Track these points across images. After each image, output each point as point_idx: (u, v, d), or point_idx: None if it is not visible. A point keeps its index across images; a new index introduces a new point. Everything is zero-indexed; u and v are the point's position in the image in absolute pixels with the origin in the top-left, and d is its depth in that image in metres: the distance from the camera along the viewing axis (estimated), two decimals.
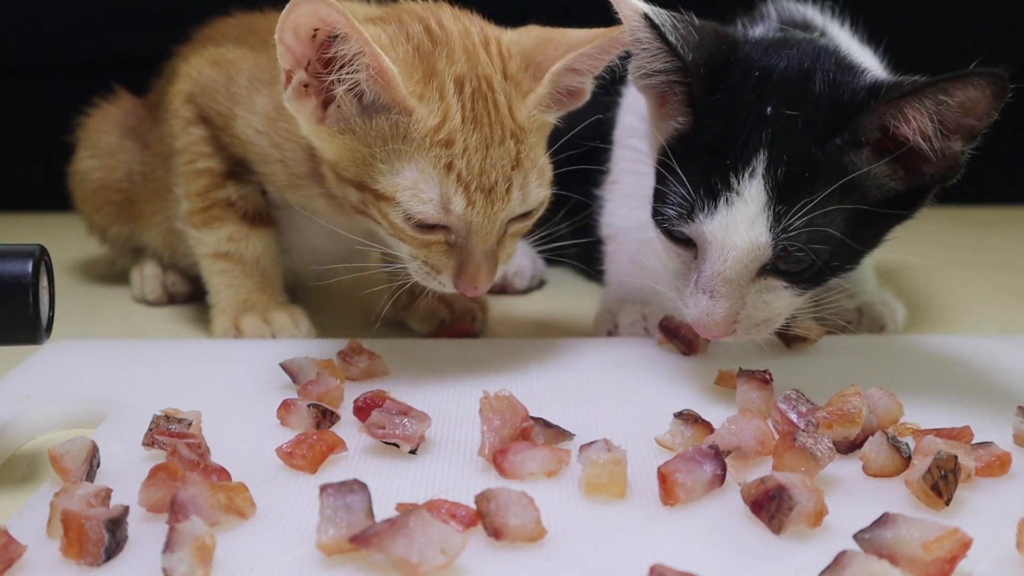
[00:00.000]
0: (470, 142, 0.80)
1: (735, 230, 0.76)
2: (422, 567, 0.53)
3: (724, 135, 0.78)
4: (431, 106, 0.79)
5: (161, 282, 1.22)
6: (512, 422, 0.68)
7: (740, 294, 0.78)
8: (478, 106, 0.81)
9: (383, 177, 0.81)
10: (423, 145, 0.79)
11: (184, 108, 1.01)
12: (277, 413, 0.75)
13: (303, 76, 0.80)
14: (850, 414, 0.69)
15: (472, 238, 0.82)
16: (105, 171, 1.23)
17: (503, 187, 0.81)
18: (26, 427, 0.79)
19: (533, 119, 0.84)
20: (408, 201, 0.80)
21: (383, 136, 0.80)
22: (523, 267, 1.30)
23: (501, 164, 0.81)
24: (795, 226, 0.74)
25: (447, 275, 0.84)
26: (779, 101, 0.77)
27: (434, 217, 0.80)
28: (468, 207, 0.80)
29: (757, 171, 0.75)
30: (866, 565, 0.52)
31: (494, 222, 0.82)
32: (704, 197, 0.77)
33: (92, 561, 0.55)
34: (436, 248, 0.83)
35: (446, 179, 0.79)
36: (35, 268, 0.65)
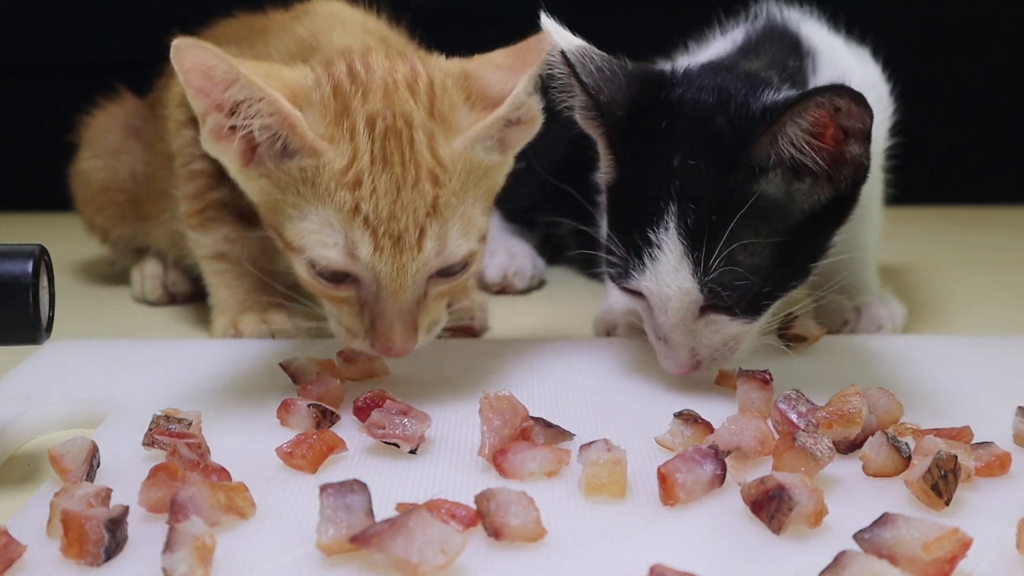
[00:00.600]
0: (379, 184, 0.74)
1: (664, 282, 0.78)
2: (422, 567, 0.53)
3: (640, 191, 0.79)
4: (340, 148, 0.75)
5: (162, 281, 1.22)
6: (512, 422, 0.68)
7: (690, 333, 0.81)
8: (390, 145, 0.75)
9: (291, 224, 0.77)
10: (330, 189, 0.74)
11: (177, 111, 1.01)
12: (277, 413, 0.75)
13: (219, 119, 0.76)
14: (850, 414, 0.69)
15: (383, 292, 0.76)
16: (108, 172, 1.23)
17: (414, 234, 0.74)
18: (26, 427, 0.79)
19: (464, 158, 0.77)
20: (313, 247, 0.75)
21: (293, 181, 0.76)
22: (523, 267, 1.30)
23: (413, 208, 0.74)
24: (714, 267, 0.76)
25: (360, 339, 0.79)
26: (684, 150, 0.78)
27: (339, 262, 0.75)
28: (375, 253, 0.74)
29: (670, 224, 0.77)
30: (866, 565, 0.52)
31: (404, 274, 0.75)
32: (633, 255, 0.79)
33: (92, 561, 0.55)
34: (348, 308, 0.79)
35: (352, 223, 0.74)
36: (35, 268, 0.65)
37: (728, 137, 0.78)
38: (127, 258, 1.29)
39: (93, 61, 1.81)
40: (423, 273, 0.76)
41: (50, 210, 1.61)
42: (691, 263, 0.77)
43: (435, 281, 0.78)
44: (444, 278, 0.78)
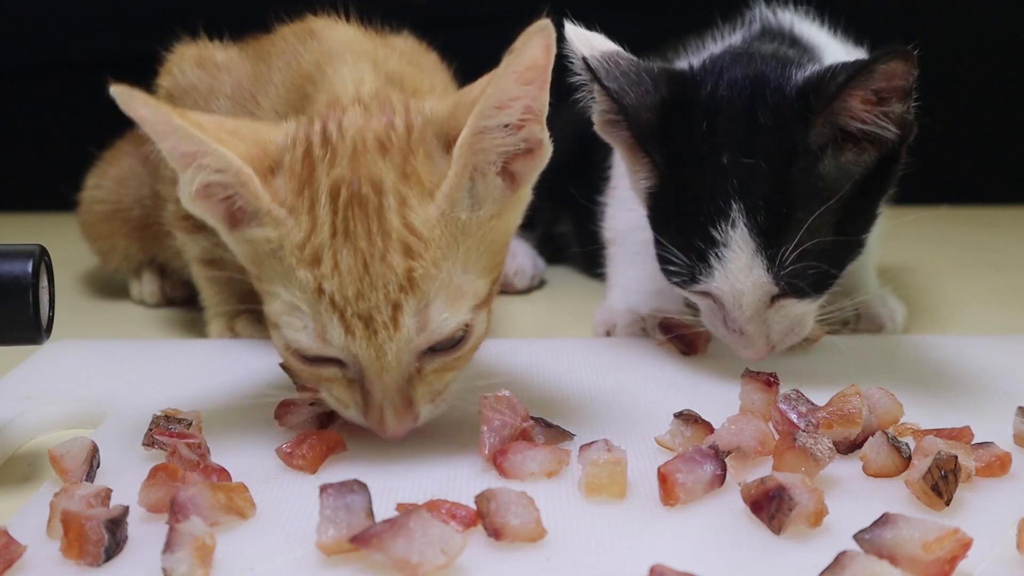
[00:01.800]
0: (341, 259, 0.64)
1: (736, 280, 0.79)
2: (422, 567, 0.53)
3: (691, 193, 0.80)
4: (299, 219, 0.66)
5: (159, 286, 1.22)
6: (512, 422, 0.68)
7: (763, 321, 0.82)
8: (354, 216, 0.65)
9: (267, 299, 0.69)
10: (291, 265, 0.66)
11: None
12: (276, 413, 0.75)
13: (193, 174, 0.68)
14: (850, 414, 0.69)
15: (367, 374, 0.66)
16: (111, 204, 1.20)
17: (386, 313, 0.64)
18: (26, 427, 0.79)
19: (445, 222, 0.66)
20: (285, 329, 0.67)
21: (263, 252, 0.68)
22: (523, 267, 1.30)
23: (383, 284, 0.64)
24: (791, 260, 0.77)
25: (355, 410, 0.69)
26: (732, 149, 0.78)
27: (313, 348, 0.66)
28: (347, 336, 0.65)
29: (737, 222, 0.77)
30: (866, 565, 0.52)
31: (384, 355, 0.65)
32: (696, 260, 0.80)
33: (92, 561, 0.55)
34: (337, 384, 0.69)
35: (318, 304, 0.65)
36: (35, 268, 0.65)
37: (775, 128, 0.78)
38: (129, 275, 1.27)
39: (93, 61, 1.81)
40: (407, 352, 0.66)
41: (50, 210, 1.61)
42: (764, 259, 0.78)
43: (429, 357, 0.68)
44: (439, 353, 0.68)
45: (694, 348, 0.93)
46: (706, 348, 0.93)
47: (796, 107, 0.78)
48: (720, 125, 0.80)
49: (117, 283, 1.31)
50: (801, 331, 0.84)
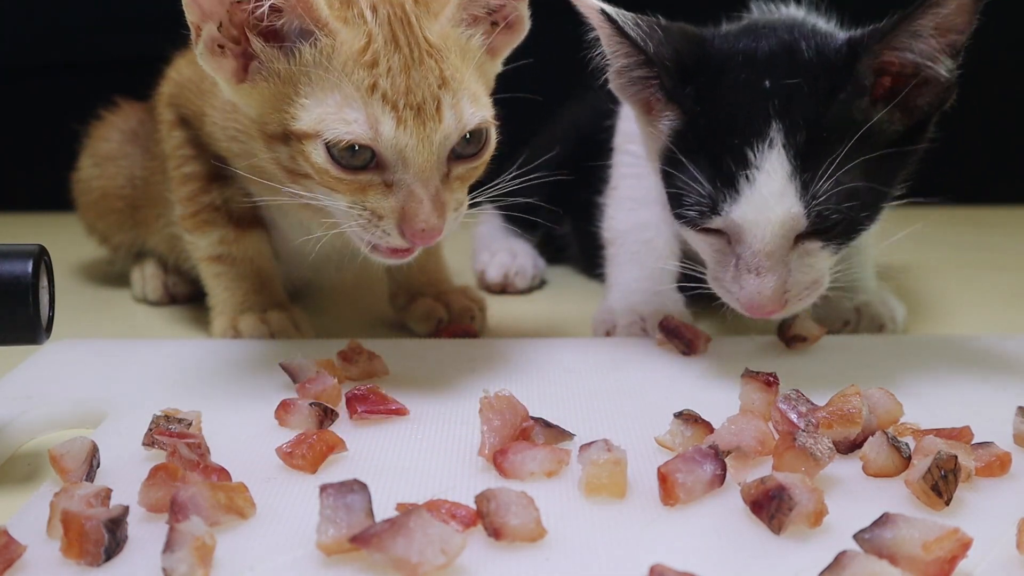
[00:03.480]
0: (393, 63, 0.77)
1: (766, 206, 0.75)
2: (422, 567, 0.53)
3: (724, 117, 0.77)
4: (356, 30, 0.77)
5: (163, 282, 1.22)
6: (512, 422, 0.68)
7: (784, 264, 0.78)
8: (395, 28, 0.78)
9: (305, 112, 0.78)
10: (347, 69, 0.77)
11: (167, 111, 1.01)
12: (276, 413, 0.75)
13: (213, 31, 0.78)
14: (850, 414, 0.69)
15: (410, 169, 0.77)
16: (106, 179, 1.22)
17: (432, 106, 0.77)
18: (26, 427, 0.79)
19: (449, 38, 0.80)
20: (334, 126, 0.76)
21: (305, 68, 0.77)
22: (524, 267, 1.30)
23: (427, 83, 0.77)
24: (824, 190, 0.74)
25: (390, 221, 0.79)
26: (774, 74, 0.77)
27: (363, 136, 0.76)
28: (399, 127, 0.76)
29: (775, 141, 0.75)
30: (866, 565, 0.52)
31: (430, 147, 0.77)
32: (722, 186, 0.76)
33: (92, 561, 0.55)
34: (373, 191, 0.79)
35: (371, 99, 0.76)
36: (35, 268, 0.65)
37: (822, 61, 0.77)
38: (127, 262, 1.29)
39: (93, 61, 1.81)
40: (446, 145, 0.78)
41: (50, 210, 1.61)
42: (799, 185, 0.75)
43: (455, 163, 0.80)
44: (463, 160, 0.81)
45: (694, 348, 0.93)
46: (706, 348, 0.93)
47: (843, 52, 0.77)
48: (759, 57, 0.78)
49: (118, 282, 1.31)
50: (816, 290, 0.80)
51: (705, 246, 0.82)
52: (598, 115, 1.17)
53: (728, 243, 0.80)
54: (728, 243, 0.80)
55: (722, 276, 0.82)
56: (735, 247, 0.79)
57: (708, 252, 0.83)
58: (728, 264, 0.80)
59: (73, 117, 1.28)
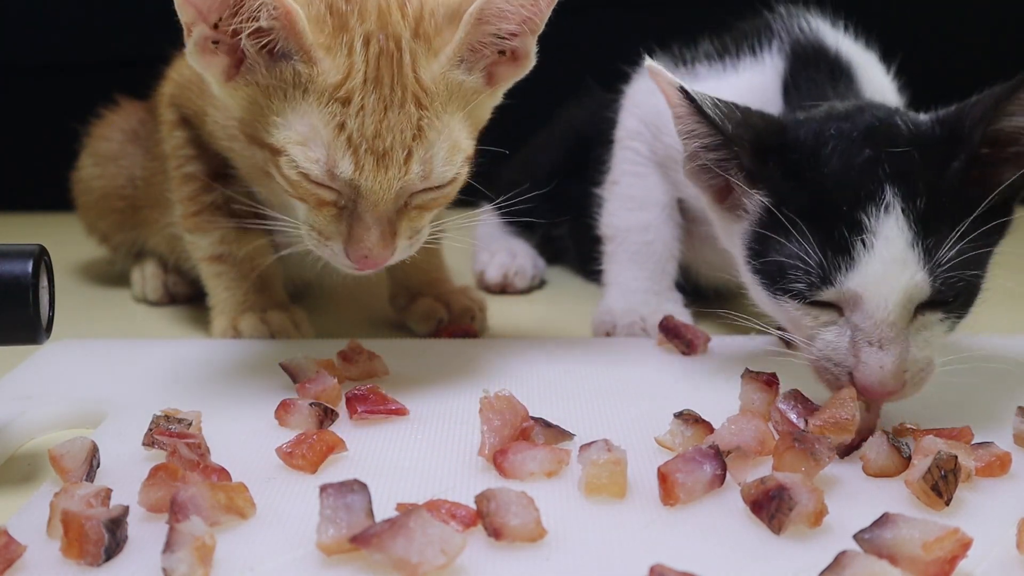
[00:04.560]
0: (367, 103, 0.75)
1: (888, 273, 0.70)
2: (422, 567, 0.53)
3: (829, 185, 0.74)
4: (337, 61, 0.76)
5: (163, 281, 1.22)
6: (512, 422, 0.68)
7: (905, 337, 0.72)
8: (382, 66, 0.76)
9: (276, 130, 0.77)
10: (320, 100, 0.75)
11: (168, 111, 1.01)
12: (276, 413, 0.75)
13: (205, 31, 0.76)
14: (843, 421, 0.68)
15: (361, 201, 0.77)
16: (108, 179, 1.23)
17: (400, 155, 0.76)
18: (26, 427, 0.79)
19: (443, 80, 0.78)
20: (296, 155, 0.76)
21: (283, 85, 0.76)
22: (523, 267, 1.30)
23: (399, 130, 0.75)
24: (949, 257, 0.71)
25: (337, 242, 0.79)
26: (876, 143, 0.74)
27: (319, 177, 0.76)
28: (355, 171, 0.75)
29: (892, 206, 0.71)
30: (866, 565, 0.52)
31: (388, 191, 0.76)
32: (834, 255, 0.71)
33: (92, 561, 0.55)
34: (326, 212, 0.79)
35: (336, 140, 0.75)
36: (35, 268, 0.65)
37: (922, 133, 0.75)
38: (127, 261, 1.29)
39: (94, 61, 1.81)
40: (407, 190, 0.78)
41: (50, 210, 1.61)
42: (921, 251, 0.70)
43: (419, 195, 0.79)
44: (427, 191, 0.79)
45: (694, 348, 0.93)
46: (706, 348, 0.93)
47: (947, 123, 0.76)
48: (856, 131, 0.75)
49: (118, 282, 1.31)
50: (930, 372, 0.73)
51: (809, 320, 0.75)
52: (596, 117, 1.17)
53: (840, 315, 0.74)
54: (840, 315, 0.74)
55: (831, 349, 0.74)
56: (850, 318, 0.73)
57: (811, 328, 0.75)
58: (842, 338, 0.74)
59: (73, 117, 1.28)
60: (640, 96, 1.07)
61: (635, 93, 1.09)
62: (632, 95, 1.09)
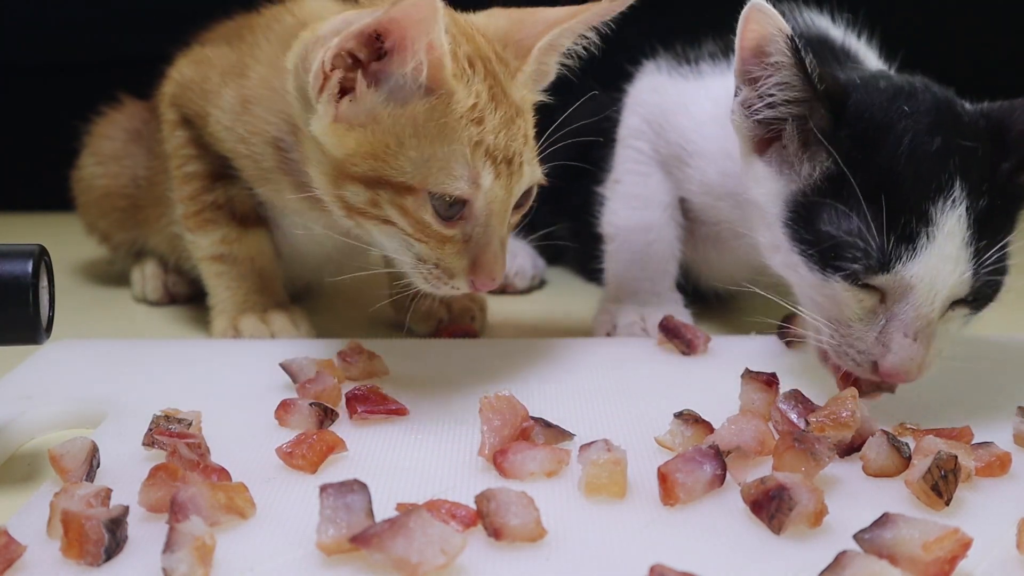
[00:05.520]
0: (495, 120, 0.80)
1: (943, 269, 0.71)
2: (422, 567, 0.53)
3: (900, 170, 0.72)
4: (467, 88, 0.79)
5: (163, 281, 1.23)
6: (512, 422, 0.68)
7: (935, 331, 0.73)
8: (493, 85, 0.81)
9: (412, 166, 0.78)
10: (459, 125, 0.78)
11: (169, 111, 1.01)
12: (276, 413, 0.75)
13: (340, 76, 0.76)
14: (844, 420, 0.68)
15: (492, 220, 0.81)
16: (110, 178, 1.23)
17: (518, 161, 0.82)
18: (26, 427, 0.79)
19: (524, 98, 0.85)
20: (441, 180, 0.78)
21: (415, 122, 0.77)
22: (524, 267, 1.30)
23: (518, 139, 0.82)
24: (992, 259, 0.72)
25: (461, 277, 0.82)
26: (946, 133, 0.73)
27: (465, 191, 0.78)
28: (495, 180, 0.79)
29: (959, 202, 0.71)
30: (866, 565, 0.52)
31: (510, 198, 0.82)
32: (899, 240, 0.71)
33: (92, 561, 0.55)
34: (451, 247, 0.81)
35: (475, 155, 0.78)
36: (35, 268, 0.65)
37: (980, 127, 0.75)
38: (127, 260, 1.29)
39: (94, 61, 1.81)
40: (518, 196, 0.83)
41: (50, 210, 1.61)
42: (972, 251, 0.71)
43: (513, 213, 0.85)
44: (517, 210, 0.85)
45: (694, 348, 0.93)
46: (706, 348, 0.93)
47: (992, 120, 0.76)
48: (922, 111, 0.75)
49: (118, 282, 1.31)
50: (939, 359, 0.75)
51: (853, 303, 0.74)
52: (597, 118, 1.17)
53: (881, 301, 0.74)
54: (881, 301, 0.74)
55: (857, 338, 0.75)
56: (892, 307, 0.73)
57: (851, 309, 0.75)
58: (872, 327, 0.74)
59: (73, 117, 1.28)
60: (644, 95, 1.07)
61: (638, 92, 1.09)
62: (635, 94, 1.09)
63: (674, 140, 1.00)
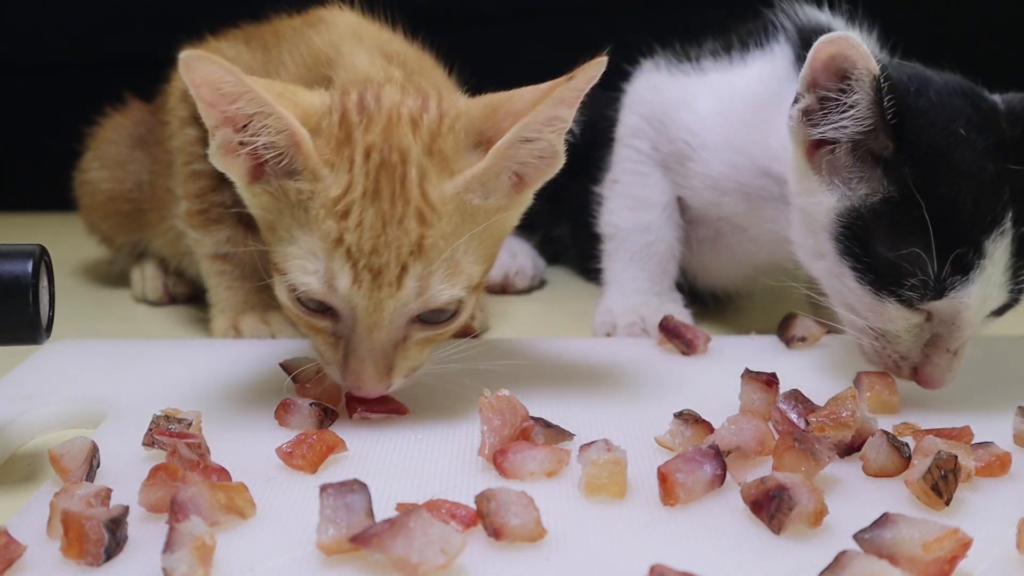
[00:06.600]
0: (366, 216, 0.71)
1: (989, 296, 0.75)
2: (422, 567, 0.53)
3: (959, 202, 0.74)
4: (338, 176, 0.72)
5: (163, 282, 1.22)
6: (512, 422, 0.68)
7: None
8: (382, 178, 0.72)
9: (280, 246, 0.74)
10: (319, 216, 0.71)
11: (179, 106, 1.00)
12: (276, 413, 0.75)
13: (228, 134, 0.73)
14: (844, 419, 0.68)
15: (358, 327, 0.72)
16: (115, 182, 1.22)
17: (394, 271, 0.71)
18: (26, 427, 0.79)
19: (457, 202, 0.73)
20: (295, 272, 0.72)
21: (289, 204, 0.73)
22: (524, 266, 1.30)
23: (396, 245, 0.70)
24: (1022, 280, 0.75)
25: (335, 368, 0.75)
26: (997, 157, 0.74)
27: (318, 291, 0.72)
28: (353, 285, 0.71)
29: (1007, 232, 0.73)
30: (866, 565, 0.52)
31: (381, 310, 0.71)
32: (954, 271, 0.73)
33: (92, 561, 0.55)
34: (324, 338, 0.75)
35: (334, 252, 0.71)
36: (35, 268, 0.65)
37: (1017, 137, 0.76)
38: (128, 261, 1.29)
39: (95, 61, 1.81)
40: (401, 313, 0.72)
41: (50, 210, 1.61)
42: (1011, 274, 0.75)
43: (417, 327, 0.74)
44: (427, 325, 0.75)
45: (694, 348, 0.93)
46: (706, 348, 0.93)
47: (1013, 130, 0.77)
48: (970, 129, 0.75)
49: (118, 282, 1.31)
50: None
51: (903, 322, 0.77)
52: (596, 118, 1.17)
53: (927, 320, 0.77)
54: (927, 320, 0.77)
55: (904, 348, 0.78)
56: (938, 326, 0.77)
57: (897, 325, 0.78)
58: (919, 338, 0.78)
59: (73, 117, 1.28)
60: (644, 92, 1.07)
61: (638, 90, 1.08)
62: (634, 92, 1.08)
63: (677, 136, 1.00)
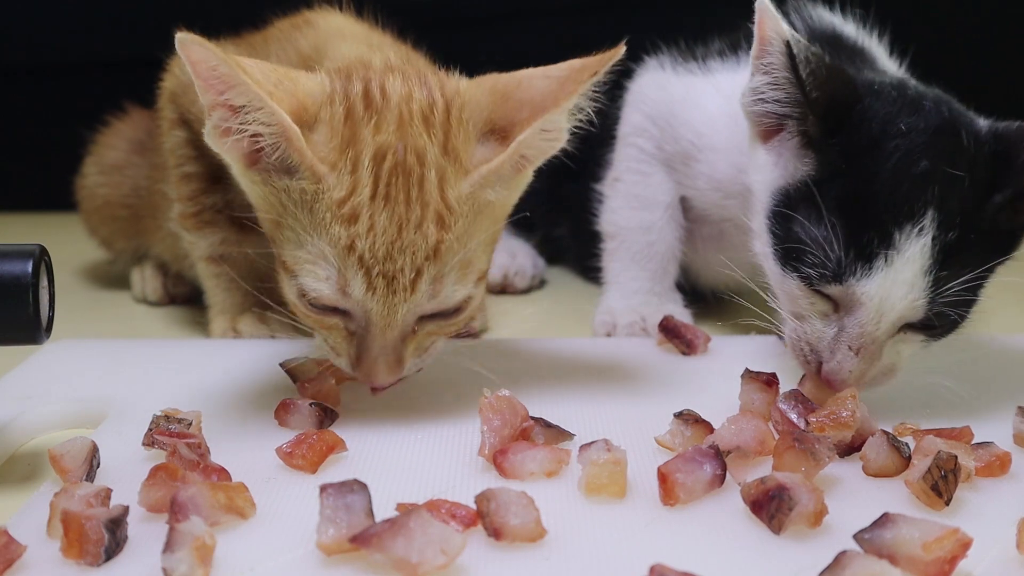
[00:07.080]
0: (377, 221, 0.69)
1: (894, 292, 0.72)
2: (422, 567, 0.53)
3: (878, 187, 0.73)
4: (340, 177, 0.69)
5: (162, 282, 1.22)
6: (512, 422, 0.68)
7: (881, 349, 0.75)
8: (396, 182, 0.69)
9: (288, 246, 0.72)
10: (326, 219, 0.69)
11: (168, 107, 0.99)
12: (276, 413, 0.75)
13: (225, 114, 0.70)
14: (843, 419, 0.68)
15: (371, 328, 0.71)
16: (112, 187, 1.22)
17: (409, 276, 0.69)
18: (26, 427, 0.79)
19: (472, 200, 0.71)
20: (305, 276, 0.71)
21: (293, 201, 0.71)
22: (524, 267, 1.30)
23: (412, 251, 0.69)
24: (954, 292, 0.72)
25: (345, 360, 0.74)
26: (935, 156, 0.73)
27: (330, 298, 0.71)
28: (368, 292, 0.69)
29: (926, 231, 0.71)
30: (866, 565, 0.52)
31: (394, 313, 0.70)
32: (856, 258, 0.72)
33: (92, 561, 0.55)
34: (336, 334, 0.74)
35: (347, 259, 0.69)
36: (35, 268, 0.65)
37: (978, 153, 0.75)
38: (128, 263, 1.29)
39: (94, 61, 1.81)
40: (413, 314, 0.72)
41: (50, 210, 1.61)
42: (931, 280, 0.72)
43: (429, 321, 0.74)
44: (436, 320, 0.74)
45: (694, 348, 0.93)
46: (706, 348, 0.93)
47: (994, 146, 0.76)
48: (920, 132, 0.75)
49: (118, 282, 1.31)
50: (892, 375, 0.77)
51: (806, 304, 0.77)
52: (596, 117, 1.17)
53: (835, 310, 0.76)
54: (835, 310, 0.76)
55: (815, 339, 0.77)
56: (843, 319, 0.75)
57: (805, 310, 0.78)
58: (827, 329, 0.76)
59: (74, 117, 1.28)
60: (648, 91, 1.06)
61: (641, 88, 1.07)
62: (637, 90, 1.08)
63: (683, 135, 1.00)
